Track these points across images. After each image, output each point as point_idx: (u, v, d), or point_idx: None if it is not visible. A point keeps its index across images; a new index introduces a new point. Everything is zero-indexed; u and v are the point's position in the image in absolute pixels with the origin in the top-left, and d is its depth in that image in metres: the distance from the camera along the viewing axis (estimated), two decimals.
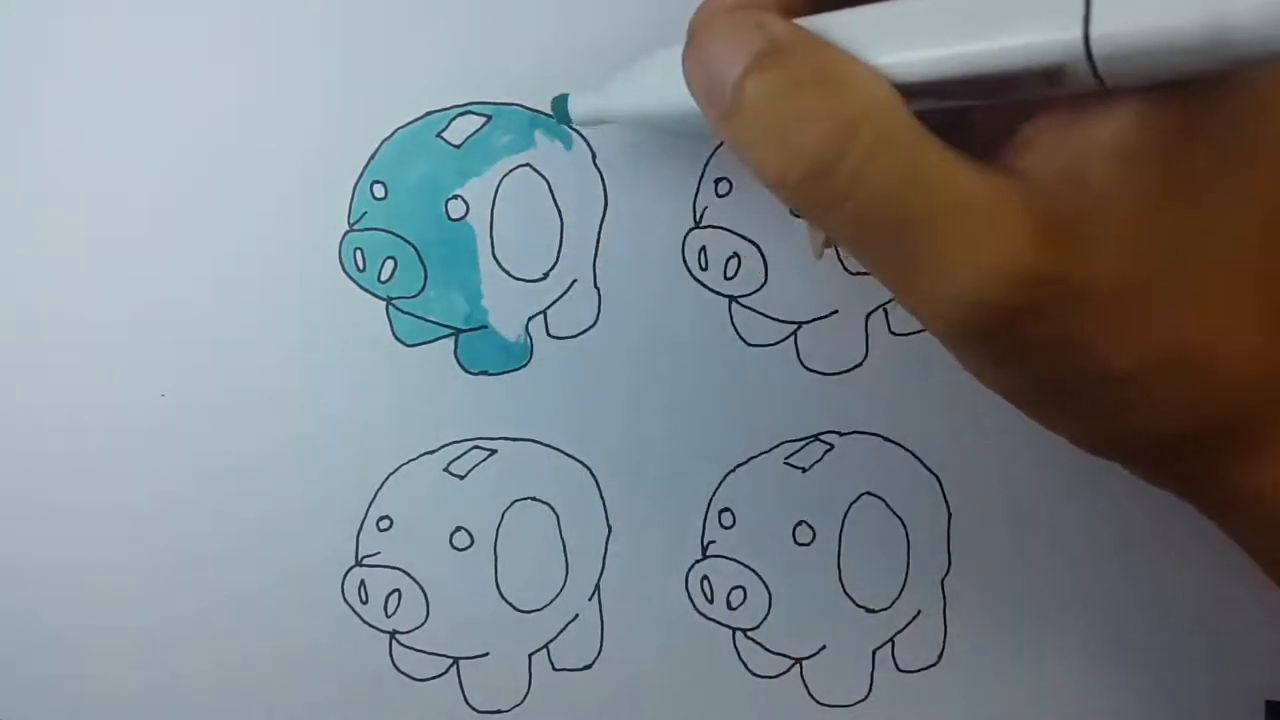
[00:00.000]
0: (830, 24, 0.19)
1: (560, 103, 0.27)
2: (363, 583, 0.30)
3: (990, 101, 0.18)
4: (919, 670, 0.31)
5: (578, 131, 0.29)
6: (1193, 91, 0.17)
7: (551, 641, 0.30)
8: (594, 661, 0.30)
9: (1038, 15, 0.17)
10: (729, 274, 0.30)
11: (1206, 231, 0.18)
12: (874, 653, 0.31)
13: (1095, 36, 0.16)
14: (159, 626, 0.30)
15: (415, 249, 0.29)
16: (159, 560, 0.29)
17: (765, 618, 0.30)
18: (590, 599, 0.30)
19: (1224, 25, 0.15)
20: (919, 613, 0.31)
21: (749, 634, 0.31)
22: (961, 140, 0.19)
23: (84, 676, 0.30)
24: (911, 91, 0.19)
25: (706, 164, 0.30)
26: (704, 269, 0.30)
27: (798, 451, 0.30)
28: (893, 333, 0.30)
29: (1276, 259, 0.19)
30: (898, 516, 0.31)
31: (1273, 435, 0.20)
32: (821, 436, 0.30)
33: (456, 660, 0.30)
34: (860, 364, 0.30)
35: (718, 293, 0.30)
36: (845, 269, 0.30)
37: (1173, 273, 0.18)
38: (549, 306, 0.30)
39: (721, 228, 0.30)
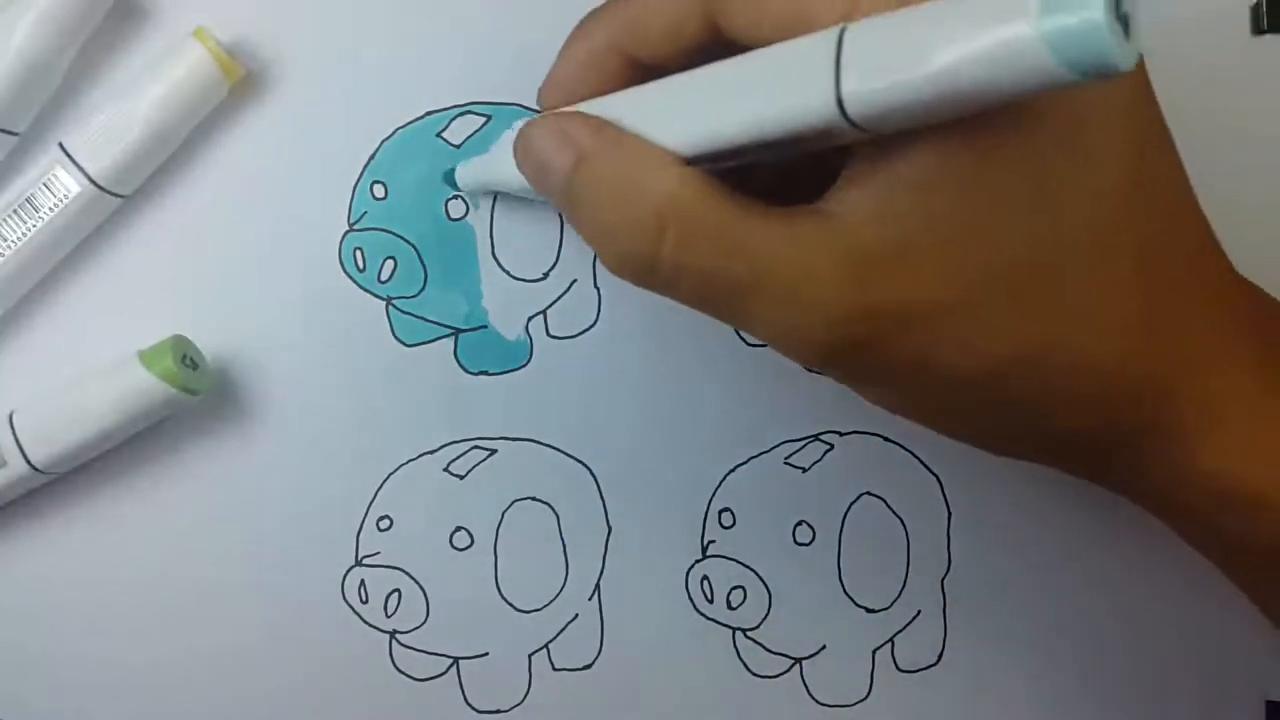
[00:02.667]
0: (626, 107, 0.21)
1: (449, 173, 0.29)
2: (363, 583, 0.30)
3: (783, 156, 0.19)
4: (919, 670, 0.31)
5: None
6: (987, 122, 0.18)
7: (551, 641, 0.30)
8: (594, 661, 0.30)
9: (794, 86, 0.18)
10: None
11: (1026, 246, 0.19)
12: (874, 653, 0.31)
13: (847, 100, 0.17)
14: (159, 626, 0.30)
15: (415, 249, 0.29)
16: (159, 560, 0.29)
17: (765, 618, 0.30)
18: (590, 599, 0.30)
19: (953, 77, 0.16)
20: (919, 613, 0.31)
21: (749, 634, 0.31)
22: (785, 182, 0.21)
23: (80, 665, 0.30)
24: (705, 159, 0.20)
25: None
26: None
27: (798, 451, 0.30)
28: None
29: (1113, 264, 0.20)
30: (898, 516, 0.31)
31: (1159, 438, 0.21)
32: (821, 436, 0.30)
33: (456, 660, 0.30)
34: None
35: None
36: None
37: (997, 287, 0.19)
38: (549, 306, 0.30)
39: None
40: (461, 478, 0.30)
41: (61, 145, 0.27)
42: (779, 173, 0.23)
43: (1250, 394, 0.21)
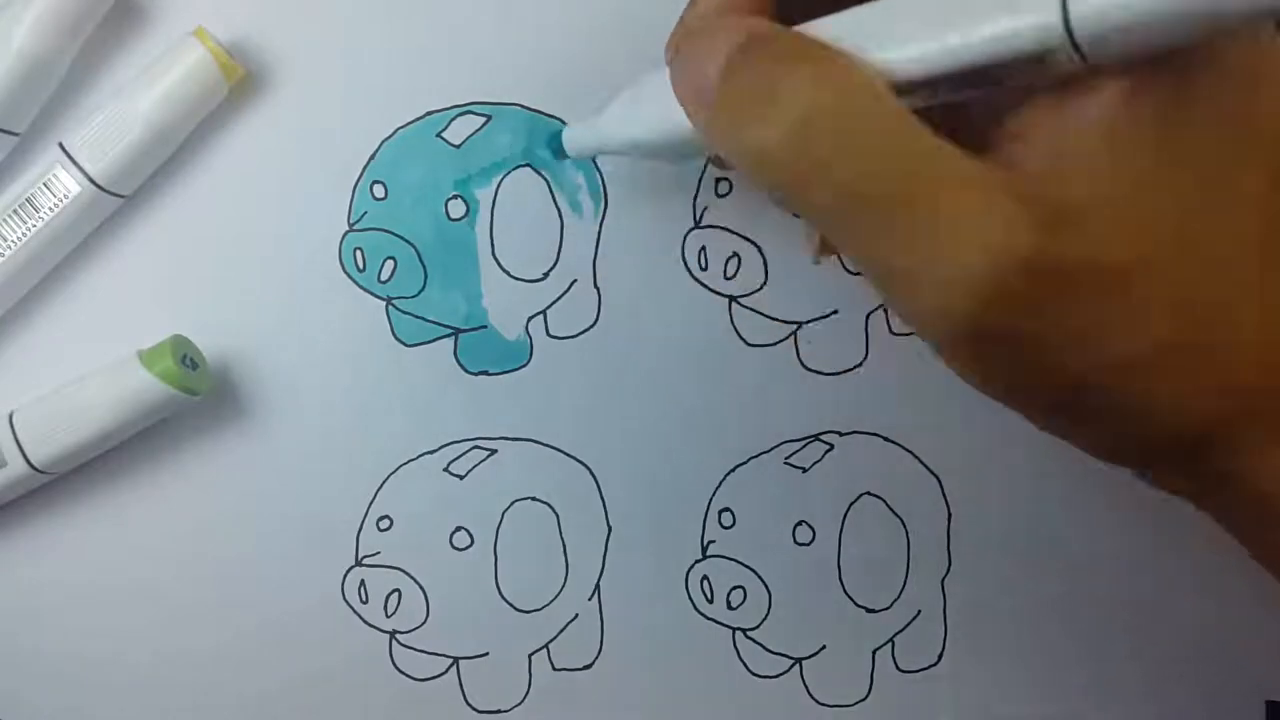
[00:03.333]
0: (813, 29, 0.19)
1: (555, 139, 0.27)
2: (363, 583, 0.30)
3: (980, 91, 0.18)
4: (919, 670, 0.31)
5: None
6: (1178, 68, 0.17)
7: (551, 641, 0.30)
8: (594, 661, 0.30)
9: (1017, 3, 0.17)
10: (729, 274, 0.30)
11: (1208, 208, 0.18)
12: (874, 653, 0.31)
13: (1074, 16, 0.16)
14: (159, 626, 0.30)
15: (415, 249, 0.29)
16: (159, 560, 0.29)
17: (765, 618, 0.30)
18: (590, 599, 0.30)
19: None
20: (919, 613, 0.31)
21: (749, 634, 0.31)
22: (950, 137, 0.18)
23: (80, 665, 0.30)
24: (901, 90, 0.18)
25: (707, 164, 0.30)
26: (704, 269, 0.30)
27: (798, 451, 0.30)
28: (893, 333, 0.30)
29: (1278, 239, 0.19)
30: (898, 516, 0.31)
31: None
32: (821, 436, 0.30)
33: (456, 660, 0.30)
34: (860, 364, 0.30)
35: (718, 293, 0.30)
36: (845, 269, 0.30)
37: (1176, 252, 0.18)
38: (549, 306, 0.30)
39: (721, 227, 0.30)
40: (461, 478, 0.30)
41: (62, 145, 0.27)
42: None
43: None
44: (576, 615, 0.30)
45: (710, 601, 0.30)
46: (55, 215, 0.27)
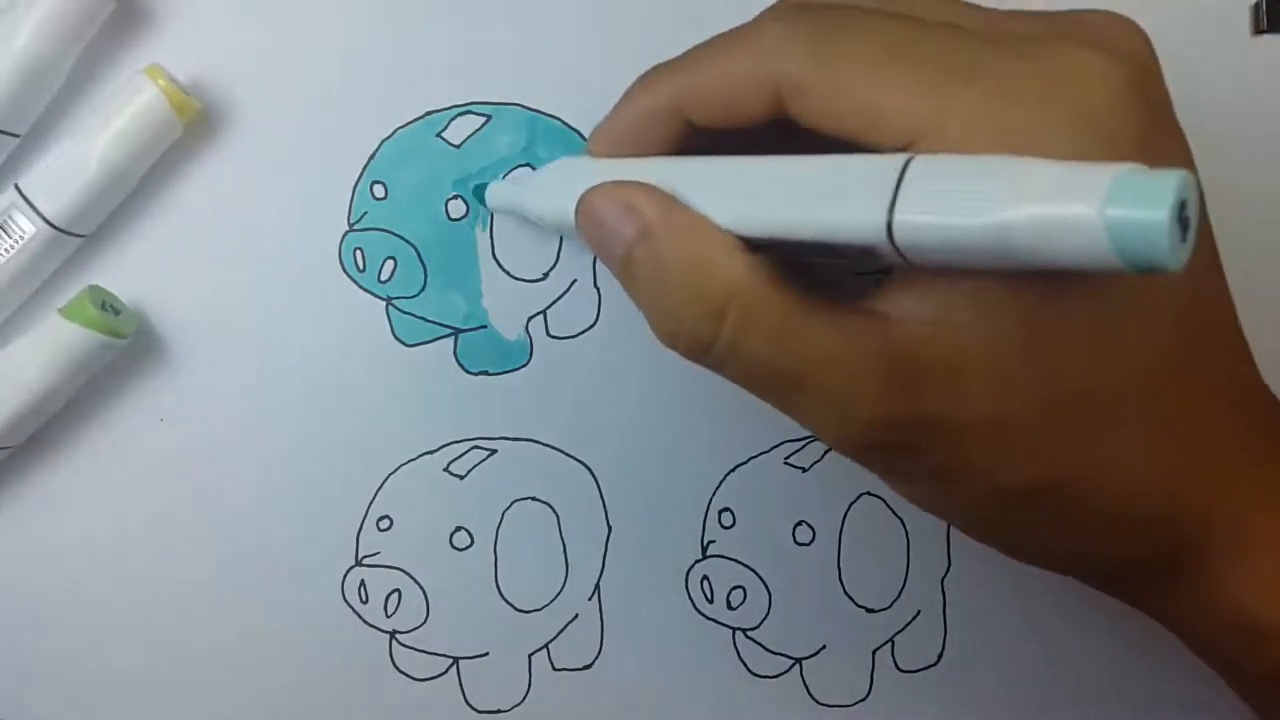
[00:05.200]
0: (686, 177, 0.22)
1: (479, 190, 0.29)
2: (363, 583, 0.30)
3: (828, 260, 0.19)
4: (919, 670, 0.31)
5: (582, 136, 0.29)
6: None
7: (551, 641, 0.30)
8: (594, 661, 0.30)
9: (851, 202, 0.18)
10: None
11: (1083, 371, 0.19)
12: (874, 653, 0.31)
13: (897, 224, 0.17)
14: (159, 627, 0.30)
15: (415, 249, 0.29)
16: (159, 560, 0.29)
17: (765, 618, 0.30)
18: (590, 599, 0.30)
19: (1005, 235, 0.16)
20: (919, 613, 0.31)
21: (749, 634, 0.31)
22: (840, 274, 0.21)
23: (80, 666, 0.30)
24: (756, 245, 0.20)
25: None
26: None
27: (798, 451, 0.30)
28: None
29: (1163, 398, 0.20)
30: (898, 516, 0.31)
31: (1206, 558, 0.21)
32: None
33: (456, 660, 0.30)
34: None
35: None
36: None
37: (1045, 412, 0.19)
38: (549, 306, 0.30)
39: None
40: (461, 478, 0.30)
41: (17, 187, 0.27)
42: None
43: None
44: (576, 615, 0.30)
45: (710, 601, 0.30)
46: (11, 256, 0.27)
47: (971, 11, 0.21)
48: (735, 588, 0.30)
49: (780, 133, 0.21)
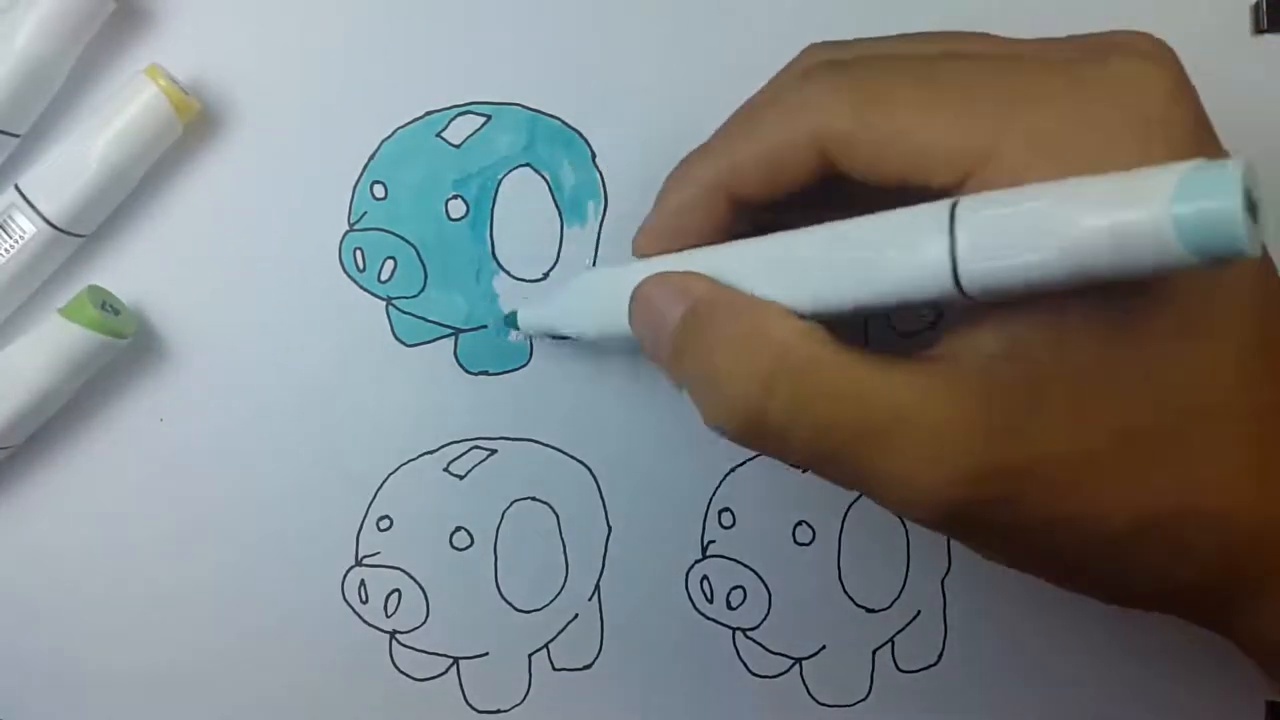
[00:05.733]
0: (735, 263, 0.21)
1: (511, 318, 0.29)
2: (363, 583, 0.30)
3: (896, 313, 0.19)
4: (919, 670, 0.31)
5: (582, 135, 0.29)
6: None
7: (551, 641, 0.30)
8: (594, 661, 0.30)
9: (909, 258, 0.18)
10: None
11: (1169, 394, 0.19)
12: (874, 653, 0.31)
13: (964, 279, 0.17)
14: (159, 626, 0.30)
15: (415, 249, 0.29)
16: (159, 560, 0.29)
17: (765, 618, 0.30)
18: (590, 599, 0.30)
19: (1080, 259, 0.16)
20: (919, 613, 0.31)
21: (749, 634, 0.31)
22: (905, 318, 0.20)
23: (80, 666, 0.30)
24: (817, 318, 0.20)
25: None
26: None
27: None
28: (894, 331, 0.30)
29: (1236, 422, 0.19)
30: (898, 516, 0.31)
31: (1274, 583, 0.20)
32: None
33: (456, 660, 0.30)
34: None
35: None
36: None
37: (1131, 444, 0.19)
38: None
39: None
40: (461, 478, 0.30)
41: (18, 187, 0.27)
42: None
43: None
44: (576, 615, 0.30)
45: (710, 601, 0.30)
46: (11, 256, 0.27)
47: (1000, 42, 0.21)
48: (735, 588, 0.30)
49: (829, 190, 0.20)
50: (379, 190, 0.29)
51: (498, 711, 0.30)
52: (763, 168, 0.21)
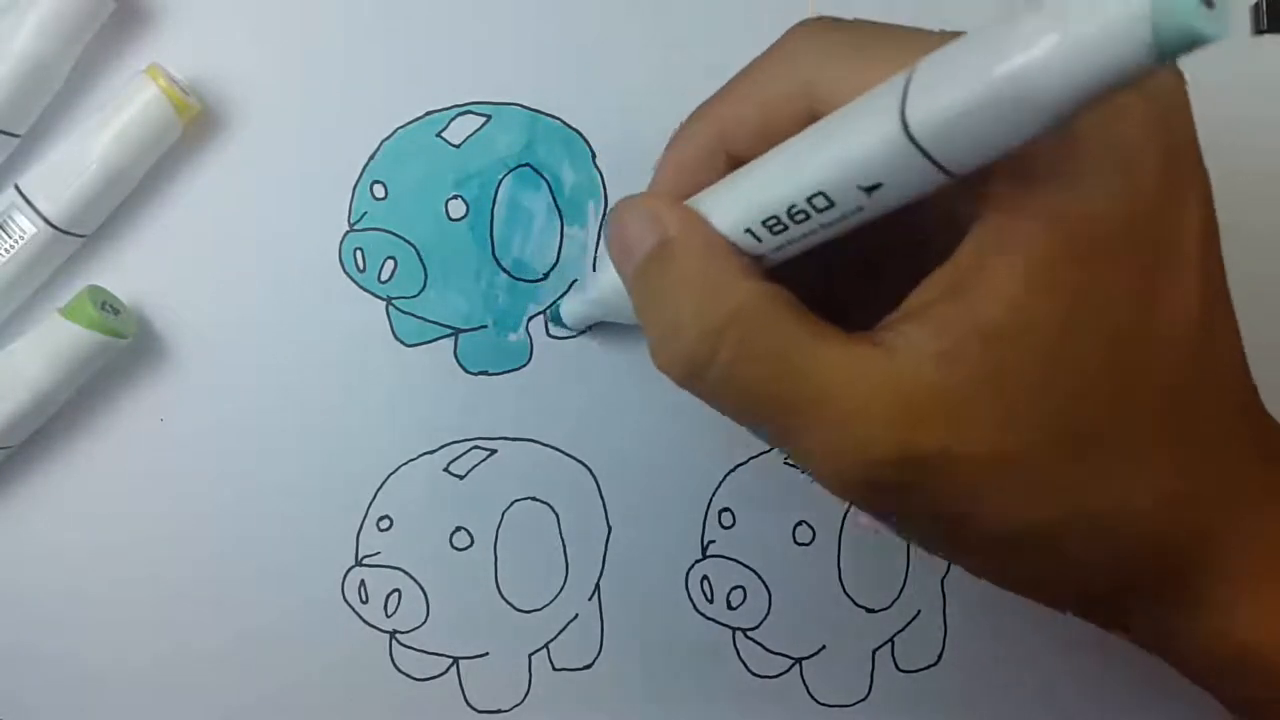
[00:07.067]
0: (712, 192, 0.21)
1: (555, 313, 0.29)
2: (363, 583, 0.30)
3: (861, 223, 0.19)
4: (919, 670, 0.31)
5: (582, 135, 0.29)
6: (1065, 279, 0.18)
7: (551, 641, 0.30)
8: (594, 661, 0.30)
9: (861, 124, 0.18)
10: None
11: (1092, 405, 0.19)
12: (874, 653, 0.31)
13: (910, 114, 0.17)
14: (158, 626, 0.30)
15: (415, 249, 0.29)
16: (159, 560, 0.29)
17: (765, 618, 0.30)
18: (590, 599, 0.30)
19: (1027, 79, 0.15)
20: (919, 613, 0.31)
21: (749, 634, 0.31)
22: (857, 305, 0.21)
23: (80, 665, 0.30)
24: (782, 234, 0.20)
25: None
26: None
27: None
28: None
29: (1172, 426, 0.20)
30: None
31: (1200, 588, 0.21)
32: None
33: (456, 660, 0.30)
34: None
35: None
36: None
37: (1055, 447, 0.19)
38: (549, 306, 0.30)
39: None
40: (461, 478, 0.30)
41: (18, 187, 0.27)
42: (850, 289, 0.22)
43: (1277, 555, 0.21)
44: (576, 615, 0.30)
45: (710, 601, 0.30)
46: (11, 257, 0.27)
47: None
48: (735, 588, 0.30)
49: None
50: (379, 190, 0.29)
51: (498, 711, 0.30)
52: (757, 122, 0.21)
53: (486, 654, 0.30)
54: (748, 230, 0.20)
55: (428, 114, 0.29)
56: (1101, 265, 0.18)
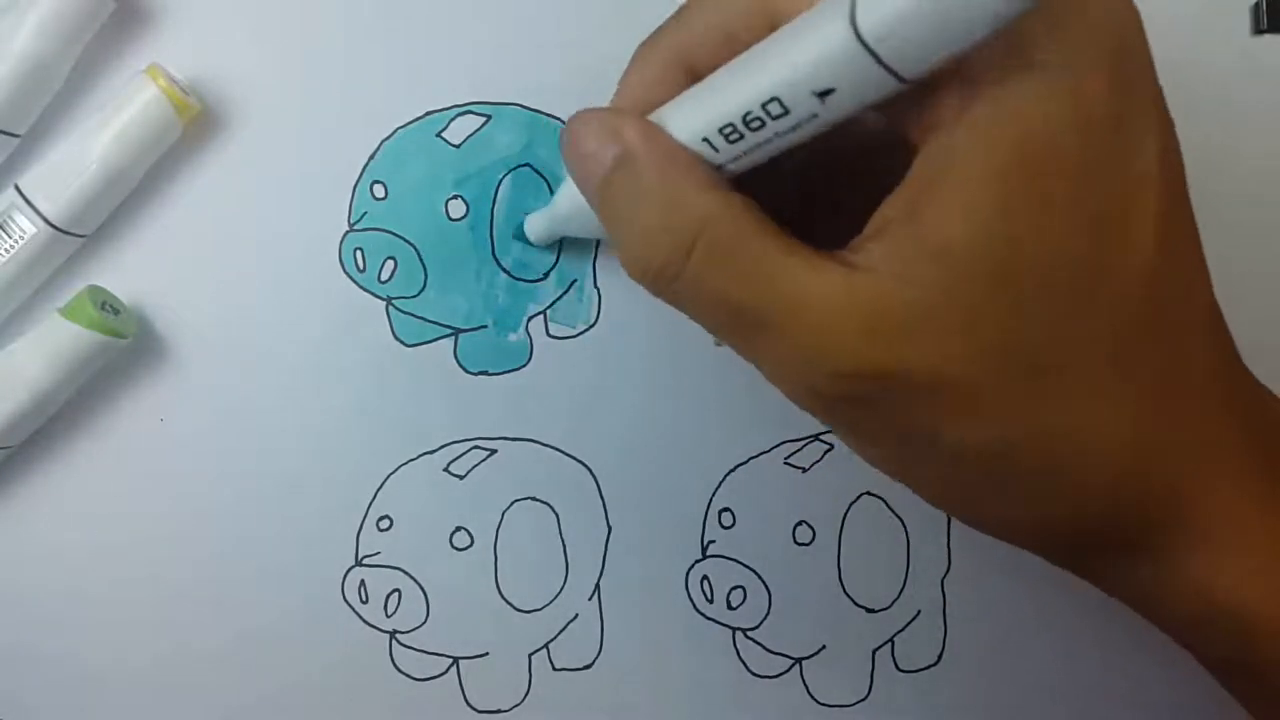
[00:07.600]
0: (671, 106, 0.21)
1: (519, 229, 0.29)
2: (363, 583, 0.30)
3: (817, 131, 0.19)
4: (919, 670, 0.31)
5: None
6: (1020, 198, 0.18)
7: (551, 641, 0.30)
8: (594, 661, 0.30)
9: (812, 32, 0.18)
10: None
11: (1049, 332, 0.19)
12: (874, 653, 0.31)
13: (863, 27, 0.17)
14: (158, 626, 0.30)
15: (415, 249, 0.29)
16: (159, 560, 0.29)
17: (765, 618, 0.30)
18: (590, 599, 0.30)
19: None
20: (919, 613, 0.31)
21: (749, 634, 0.31)
22: (820, 226, 0.21)
23: (79, 665, 0.30)
24: (740, 142, 0.20)
25: None
26: None
27: (798, 451, 0.30)
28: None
29: (1134, 355, 0.19)
30: (898, 516, 0.31)
31: (1170, 546, 0.21)
32: (822, 437, 0.30)
33: (456, 660, 0.30)
34: None
35: None
36: None
37: (1014, 366, 0.19)
38: (549, 306, 0.30)
39: None
40: (461, 478, 0.30)
41: (18, 187, 0.27)
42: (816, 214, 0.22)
43: (1248, 509, 0.21)
44: (576, 615, 0.30)
45: (710, 601, 0.30)
46: (11, 257, 0.27)
47: None
48: (735, 588, 0.30)
49: None
50: (379, 190, 0.29)
51: (498, 711, 0.30)
52: (717, 38, 0.21)
53: (486, 654, 0.30)
54: (705, 140, 0.20)
55: (428, 114, 0.29)
56: (1053, 180, 0.18)
